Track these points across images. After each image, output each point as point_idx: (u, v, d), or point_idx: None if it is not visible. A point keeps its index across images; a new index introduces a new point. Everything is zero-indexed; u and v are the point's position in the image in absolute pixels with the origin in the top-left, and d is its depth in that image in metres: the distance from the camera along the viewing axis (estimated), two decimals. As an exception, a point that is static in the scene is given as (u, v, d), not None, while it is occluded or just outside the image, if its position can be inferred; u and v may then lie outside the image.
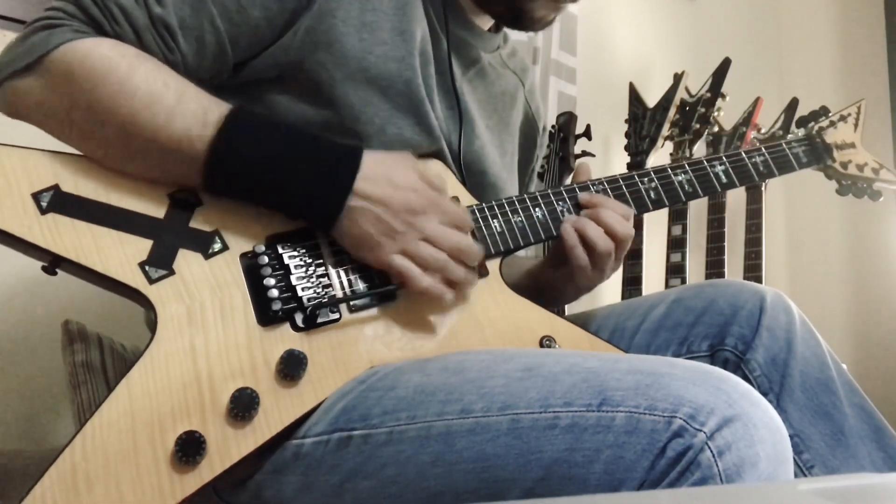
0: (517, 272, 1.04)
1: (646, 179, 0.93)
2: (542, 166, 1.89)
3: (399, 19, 0.85)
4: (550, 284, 0.97)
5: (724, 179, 0.96)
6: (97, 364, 1.09)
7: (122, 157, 0.73)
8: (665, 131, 1.91)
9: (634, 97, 1.98)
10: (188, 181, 0.74)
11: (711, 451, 0.55)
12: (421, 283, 0.75)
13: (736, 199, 1.99)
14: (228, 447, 0.67)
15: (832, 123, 1.13)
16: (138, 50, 0.74)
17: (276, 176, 0.73)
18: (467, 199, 0.87)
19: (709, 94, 1.91)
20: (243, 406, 0.67)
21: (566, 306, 1.67)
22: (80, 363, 1.09)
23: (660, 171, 0.94)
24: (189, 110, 0.72)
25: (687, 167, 0.95)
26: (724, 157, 0.97)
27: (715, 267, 1.88)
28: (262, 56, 0.81)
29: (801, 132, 1.13)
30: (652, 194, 0.93)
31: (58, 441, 1.24)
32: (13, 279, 1.25)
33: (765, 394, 0.84)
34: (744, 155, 0.98)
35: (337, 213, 0.74)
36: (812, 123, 1.15)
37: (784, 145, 1.03)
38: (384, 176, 0.75)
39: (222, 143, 0.72)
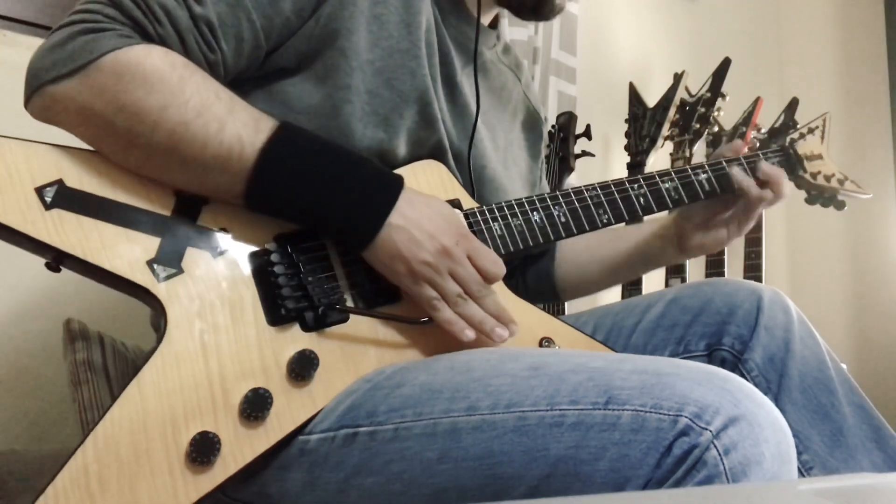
0: (626, 243, 1.07)
1: (635, 186, 0.95)
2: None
3: (406, 11, 0.86)
4: (694, 235, 1.02)
5: (706, 187, 0.99)
6: (98, 363, 1.09)
7: (163, 165, 0.72)
8: (665, 131, 1.91)
9: (634, 97, 1.98)
10: (228, 192, 0.73)
11: (717, 450, 0.55)
12: (449, 322, 0.76)
13: (735, 199, 1.99)
14: (242, 447, 0.67)
15: (802, 136, 1.18)
16: (188, 60, 0.74)
17: (320, 189, 0.73)
18: (468, 202, 0.88)
19: (709, 94, 1.91)
20: (257, 406, 0.67)
21: (566, 305, 1.67)
22: (82, 362, 1.09)
23: (648, 178, 0.97)
24: (240, 119, 0.72)
25: (673, 175, 0.98)
26: (706, 166, 1.00)
27: (715, 267, 1.88)
28: (285, 46, 0.82)
29: (774, 144, 1.16)
30: (641, 200, 0.95)
31: (56, 442, 1.24)
32: (14, 278, 1.25)
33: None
34: (724, 164, 1.01)
35: (375, 231, 0.74)
36: (787, 136, 1.19)
37: (761, 155, 1.05)
38: (421, 201, 0.77)
39: (274, 150, 0.72)
